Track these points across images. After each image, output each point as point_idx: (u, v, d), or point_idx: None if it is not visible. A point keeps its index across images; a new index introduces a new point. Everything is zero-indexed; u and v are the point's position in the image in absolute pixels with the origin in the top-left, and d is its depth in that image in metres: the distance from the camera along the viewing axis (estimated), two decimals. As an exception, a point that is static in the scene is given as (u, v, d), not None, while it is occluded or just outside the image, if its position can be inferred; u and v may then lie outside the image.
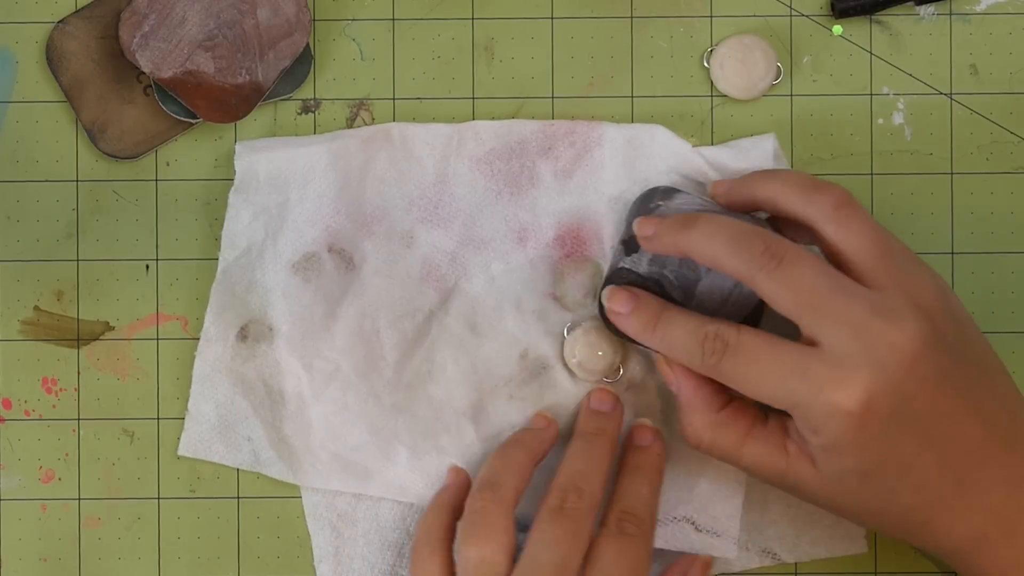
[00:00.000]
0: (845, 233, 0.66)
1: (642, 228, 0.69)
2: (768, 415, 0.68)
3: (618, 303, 0.69)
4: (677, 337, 0.67)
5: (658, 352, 0.69)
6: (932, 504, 0.65)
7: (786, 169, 0.72)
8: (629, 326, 0.69)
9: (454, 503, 0.71)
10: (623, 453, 0.71)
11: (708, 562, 0.72)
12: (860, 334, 0.63)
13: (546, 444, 0.71)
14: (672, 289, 0.69)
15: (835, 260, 0.66)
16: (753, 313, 0.69)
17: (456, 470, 0.72)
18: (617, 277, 0.70)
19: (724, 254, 0.66)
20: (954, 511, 0.65)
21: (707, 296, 0.69)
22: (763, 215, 0.71)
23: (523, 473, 0.69)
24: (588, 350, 0.72)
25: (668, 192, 0.71)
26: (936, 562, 0.73)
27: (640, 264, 0.69)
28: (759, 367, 0.65)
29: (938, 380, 0.64)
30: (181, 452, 0.73)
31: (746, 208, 0.70)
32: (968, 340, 0.66)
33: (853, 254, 0.66)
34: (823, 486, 0.65)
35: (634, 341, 0.69)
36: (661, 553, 0.73)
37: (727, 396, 0.68)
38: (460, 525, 0.68)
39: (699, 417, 0.68)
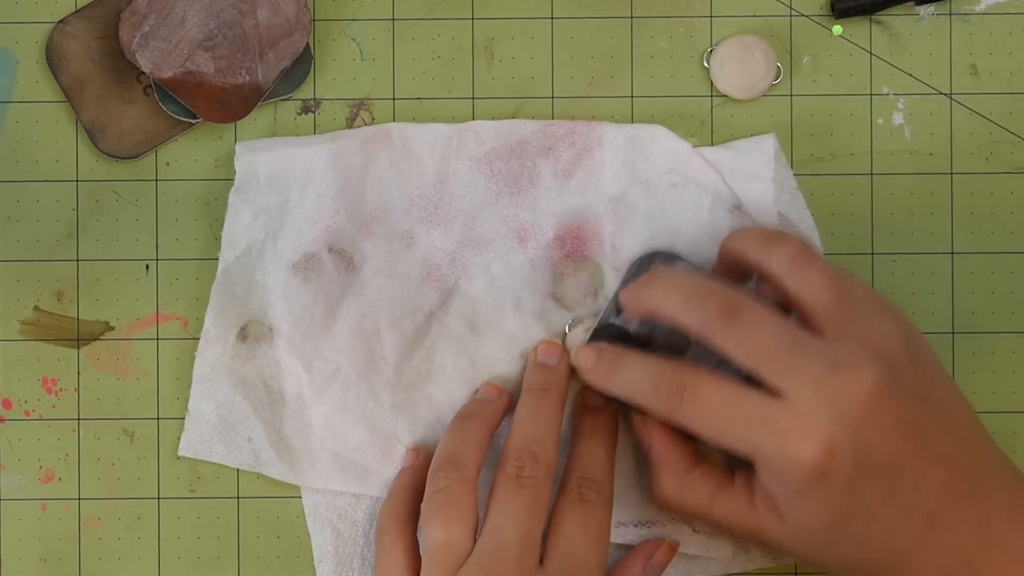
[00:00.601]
0: (802, 284, 0.66)
1: (621, 298, 0.69)
2: (735, 473, 0.68)
3: (583, 359, 0.69)
4: (635, 379, 0.67)
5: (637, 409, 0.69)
6: (900, 551, 0.65)
7: (748, 227, 0.72)
8: (592, 378, 0.69)
9: (415, 485, 0.71)
10: (577, 416, 0.71)
11: (674, 546, 0.72)
12: (821, 388, 0.63)
13: (500, 415, 0.71)
14: (660, 354, 0.68)
15: (797, 311, 0.66)
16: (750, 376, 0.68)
17: (415, 451, 0.72)
18: (605, 332, 0.70)
19: (680, 311, 0.66)
20: (922, 555, 0.65)
21: (698, 360, 0.68)
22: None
23: (482, 447, 0.69)
24: None
25: (669, 258, 0.71)
26: None
27: (631, 323, 0.69)
28: (720, 414, 0.65)
29: (898, 428, 0.64)
30: (181, 452, 0.73)
31: (734, 271, 0.70)
32: (930, 384, 0.66)
33: (811, 305, 0.66)
34: (791, 538, 0.66)
35: (619, 404, 0.69)
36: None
37: (697, 457, 0.69)
38: (424, 506, 0.68)
39: (668, 477, 0.68)
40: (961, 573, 0.65)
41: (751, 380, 0.65)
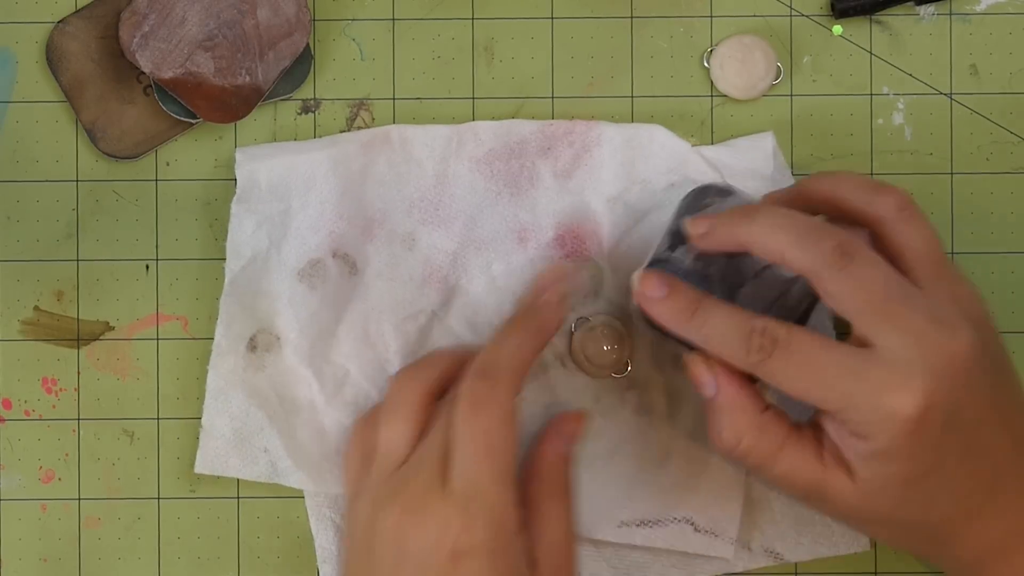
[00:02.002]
0: (908, 234, 0.65)
1: (695, 227, 0.66)
2: (802, 426, 0.66)
3: (651, 287, 0.66)
4: (719, 329, 0.65)
5: (687, 348, 0.66)
6: (965, 513, 0.64)
7: (844, 171, 0.71)
8: (662, 312, 0.66)
9: (441, 375, 0.69)
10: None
11: (582, 415, 0.70)
12: (920, 341, 0.62)
13: (555, 324, 0.68)
14: (715, 289, 0.66)
15: (895, 262, 0.65)
16: (798, 323, 0.67)
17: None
18: (660, 267, 0.67)
19: (791, 247, 0.64)
20: (980, 520, 0.64)
21: (749, 302, 0.66)
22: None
23: (526, 360, 0.67)
24: (595, 345, 0.72)
25: (723, 191, 0.68)
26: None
27: (685, 259, 0.66)
28: (812, 367, 0.63)
29: (984, 391, 0.63)
30: (198, 470, 0.72)
31: (809, 211, 0.67)
32: (1002, 352, 0.66)
33: (914, 256, 0.65)
34: (862, 497, 0.64)
35: (666, 334, 0.66)
36: (662, 552, 0.73)
37: (766, 403, 0.66)
38: (457, 402, 0.65)
39: (742, 417, 0.65)
40: (1014, 542, 0.64)
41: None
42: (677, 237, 0.67)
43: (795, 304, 0.66)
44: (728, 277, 0.66)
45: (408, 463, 0.66)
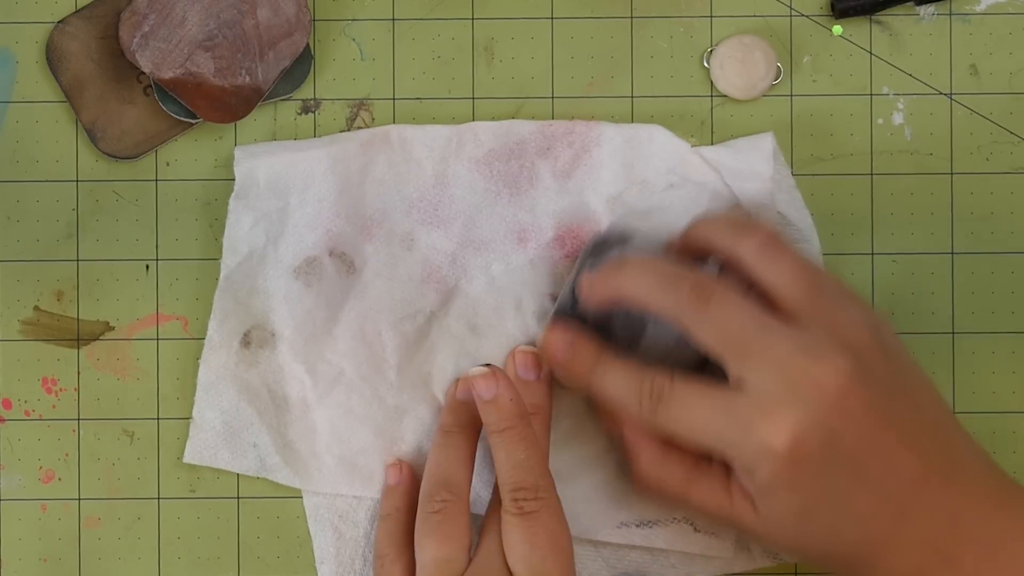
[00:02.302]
0: (772, 272, 0.66)
1: (582, 285, 0.69)
2: (711, 461, 0.68)
3: (555, 343, 0.69)
4: (615, 385, 0.68)
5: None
6: (874, 540, 0.64)
7: (717, 212, 0.72)
8: (565, 372, 0.69)
9: (408, 505, 0.71)
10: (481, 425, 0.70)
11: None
12: (784, 373, 0.64)
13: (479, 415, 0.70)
14: (618, 338, 0.69)
15: (767, 298, 0.66)
16: (699, 363, 0.68)
17: (396, 466, 0.72)
18: (565, 318, 0.70)
19: (652, 294, 0.67)
20: (896, 546, 0.64)
21: (652, 343, 0.68)
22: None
23: (469, 462, 0.69)
24: None
25: (623, 237, 0.71)
26: None
27: (588, 311, 0.69)
28: (691, 413, 0.65)
29: (867, 415, 0.64)
30: (187, 460, 0.73)
31: (693, 254, 0.70)
32: (900, 373, 0.66)
33: (781, 293, 0.66)
34: (765, 528, 0.66)
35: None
36: (661, 552, 0.73)
37: (670, 444, 0.68)
38: (418, 527, 0.68)
39: (646, 454, 0.68)
40: (935, 565, 0.64)
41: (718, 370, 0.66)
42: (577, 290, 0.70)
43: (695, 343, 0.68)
44: (630, 325, 0.68)
45: (473, 573, 0.67)
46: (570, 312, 0.70)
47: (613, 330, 0.69)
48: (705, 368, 0.68)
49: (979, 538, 0.64)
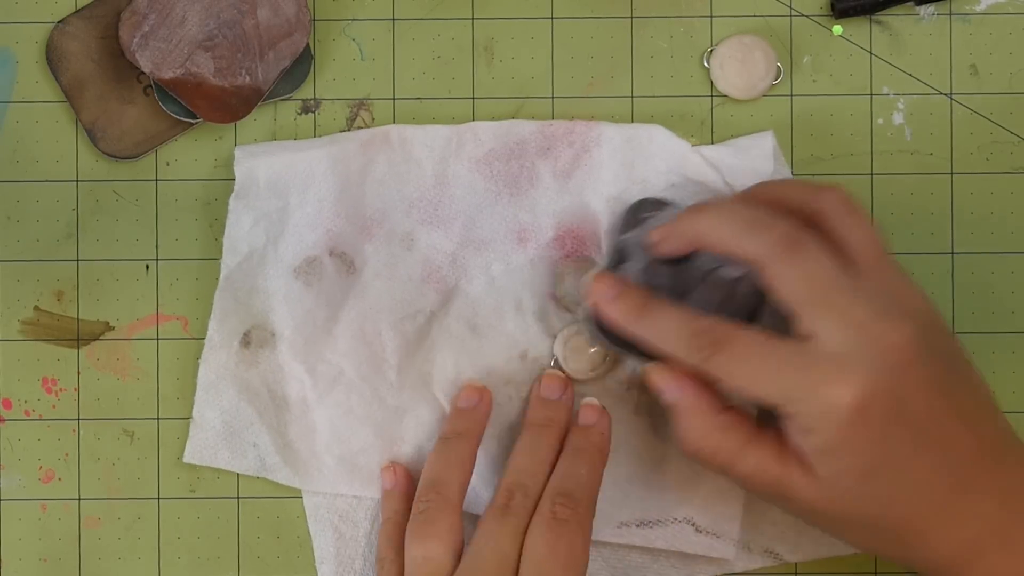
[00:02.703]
0: (851, 228, 0.66)
1: (653, 236, 0.68)
2: (764, 427, 0.67)
3: (604, 287, 0.68)
4: (666, 327, 0.66)
5: (637, 358, 0.68)
6: (929, 511, 0.64)
7: (780, 179, 0.72)
8: (613, 311, 0.68)
9: (406, 508, 0.71)
10: (569, 433, 0.71)
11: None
12: (860, 332, 0.63)
13: (483, 421, 0.71)
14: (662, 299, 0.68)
15: (838, 255, 0.66)
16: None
17: (391, 469, 0.72)
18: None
19: (739, 237, 0.65)
20: (950, 518, 0.64)
21: (696, 308, 0.67)
22: None
23: (466, 466, 0.69)
24: (575, 353, 0.72)
25: (657, 204, 0.71)
26: None
27: (630, 273, 0.69)
28: (753, 363, 0.64)
29: (929, 385, 0.64)
30: (187, 459, 0.73)
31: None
32: (954, 352, 0.66)
33: (856, 249, 0.66)
34: (822, 495, 0.65)
35: (616, 344, 0.68)
36: (661, 553, 0.73)
37: (726, 403, 0.67)
38: (408, 528, 0.69)
39: (701, 420, 0.66)
40: (989, 541, 0.64)
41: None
42: (620, 254, 0.70)
43: (740, 306, 0.68)
44: (675, 287, 0.68)
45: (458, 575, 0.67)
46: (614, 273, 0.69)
47: (658, 293, 0.68)
48: None
49: None
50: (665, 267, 0.68)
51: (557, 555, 0.66)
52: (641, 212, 0.71)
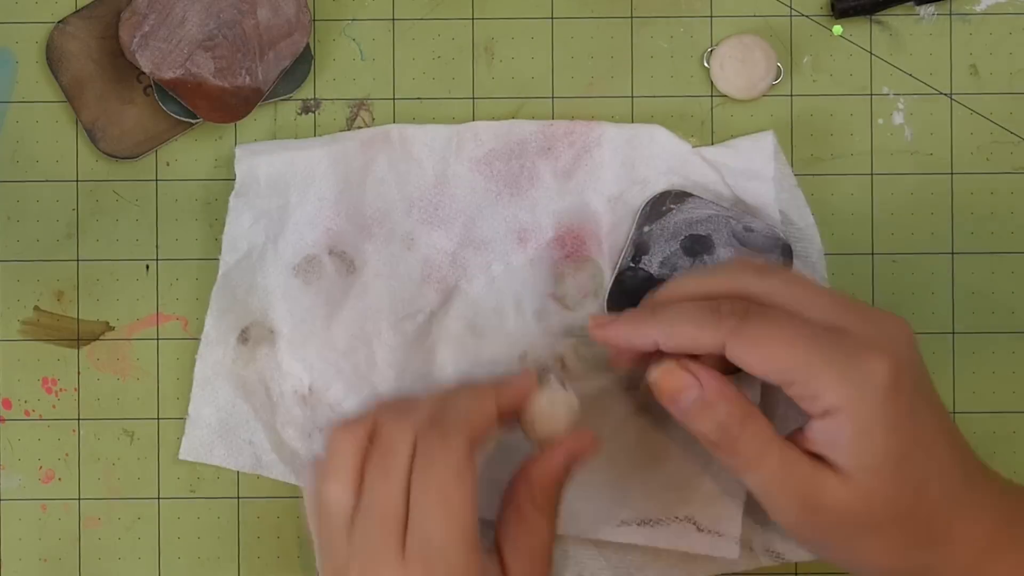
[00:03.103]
0: (791, 290, 0.65)
1: (594, 324, 0.67)
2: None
3: (603, 330, 0.66)
4: (685, 311, 0.64)
5: (660, 368, 0.66)
6: (951, 500, 0.63)
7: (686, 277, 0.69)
8: (620, 331, 0.66)
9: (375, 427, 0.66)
10: None
11: (593, 439, 0.67)
12: (875, 323, 0.63)
13: (517, 394, 0.67)
14: None
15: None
16: None
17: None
18: (626, 278, 0.71)
19: (695, 329, 0.64)
20: (968, 509, 0.64)
21: None
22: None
23: (482, 416, 0.65)
24: (544, 415, 0.68)
25: (680, 196, 0.71)
26: None
27: (651, 265, 0.69)
28: (785, 333, 0.63)
29: (930, 382, 0.65)
30: (182, 456, 0.73)
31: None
32: (929, 384, 0.66)
33: (819, 308, 0.64)
34: (854, 492, 0.63)
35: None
36: (663, 552, 0.73)
37: (752, 406, 0.65)
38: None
39: (731, 408, 0.64)
40: (1003, 539, 0.64)
41: None
42: (641, 247, 0.70)
43: None
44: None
45: (356, 525, 0.64)
46: (633, 269, 0.70)
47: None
48: None
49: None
50: (686, 260, 0.68)
51: (430, 496, 0.62)
52: (663, 204, 0.71)
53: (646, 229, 0.70)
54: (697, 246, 0.70)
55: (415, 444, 0.64)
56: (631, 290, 0.71)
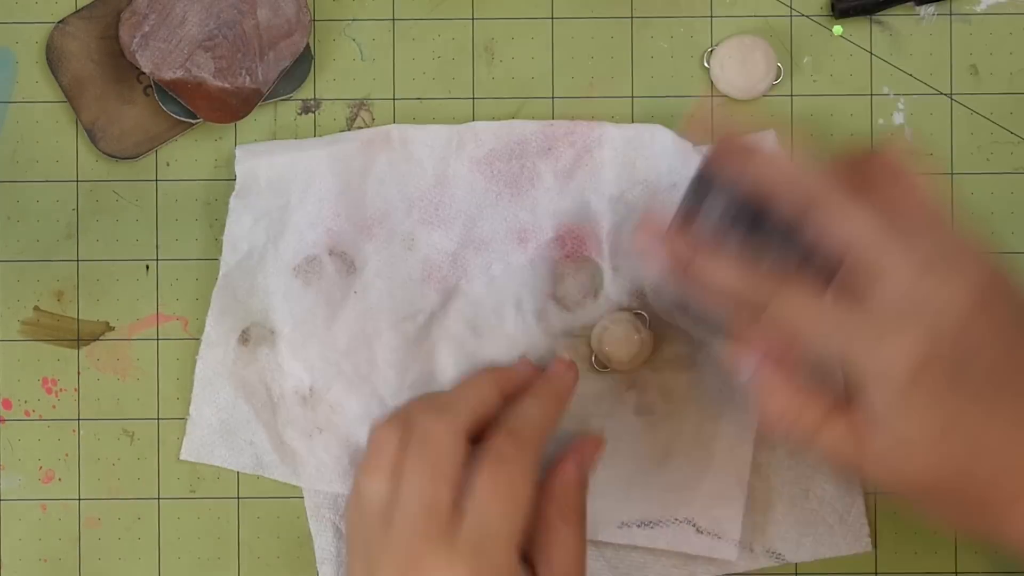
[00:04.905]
0: (902, 194, 0.64)
1: (711, 168, 0.65)
2: (844, 403, 0.64)
3: (678, 246, 0.65)
4: (725, 269, 0.64)
5: (706, 329, 0.67)
6: (1015, 471, 0.61)
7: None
8: (672, 250, 0.65)
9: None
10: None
11: (600, 440, 0.70)
12: (918, 285, 0.61)
13: (570, 390, 0.70)
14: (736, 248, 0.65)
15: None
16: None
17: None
18: (686, 217, 0.66)
19: (799, 176, 0.63)
20: None
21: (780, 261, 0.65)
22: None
23: (550, 425, 0.68)
24: (614, 340, 0.72)
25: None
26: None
27: (713, 212, 0.65)
28: (811, 312, 0.62)
29: (1000, 336, 0.61)
30: (183, 456, 0.73)
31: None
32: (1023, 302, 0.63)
33: (907, 213, 0.63)
34: (895, 464, 0.62)
35: (687, 312, 0.68)
36: (663, 553, 0.73)
37: (803, 377, 0.65)
38: (483, 457, 0.66)
39: (783, 392, 0.64)
40: None
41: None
42: (702, 190, 0.66)
43: (816, 272, 0.65)
44: (753, 238, 0.65)
45: (395, 516, 0.65)
46: (694, 210, 0.66)
47: (733, 232, 0.65)
48: None
49: None
50: (744, 218, 0.65)
51: (497, 493, 0.65)
52: (705, 185, 0.66)
53: (713, 171, 0.65)
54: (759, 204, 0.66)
55: (460, 440, 0.66)
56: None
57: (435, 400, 0.68)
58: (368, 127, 0.74)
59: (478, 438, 0.67)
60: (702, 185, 0.65)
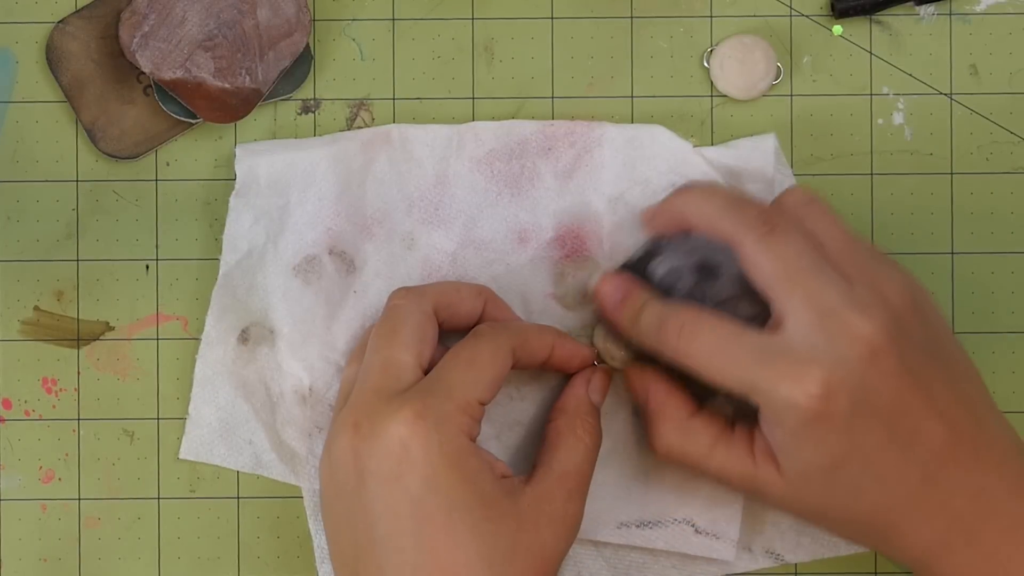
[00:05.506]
0: (815, 220, 0.66)
1: (643, 216, 0.71)
2: (735, 425, 0.68)
3: (608, 290, 0.69)
4: (650, 320, 0.67)
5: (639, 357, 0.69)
6: (897, 505, 0.64)
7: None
8: (615, 318, 0.69)
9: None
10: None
11: (608, 371, 0.71)
12: (827, 322, 0.63)
13: (538, 350, 0.70)
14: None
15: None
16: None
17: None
18: (629, 270, 0.70)
19: (718, 214, 0.66)
20: (919, 513, 0.64)
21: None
22: None
23: (527, 338, 0.69)
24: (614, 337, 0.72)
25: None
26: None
27: (656, 272, 0.69)
28: (719, 351, 0.65)
29: (901, 375, 0.64)
30: (182, 455, 0.73)
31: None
32: (937, 341, 0.66)
33: (824, 240, 0.66)
34: (789, 489, 0.65)
35: (628, 349, 0.70)
36: (662, 553, 0.73)
37: (696, 407, 0.68)
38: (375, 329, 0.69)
39: (669, 424, 0.68)
40: (956, 539, 0.64)
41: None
42: (655, 251, 0.69)
43: (750, 308, 0.67)
44: (694, 295, 0.68)
45: (356, 384, 0.67)
46: (635, 271, 0.70)
47: (675, 291, 0.68)
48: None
49: (1003, 517, 0.64)
50: (691, 277, 0.68)
51: (459, 355, 0.66)
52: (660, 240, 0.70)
53: (667, 239, 0.70)
54: (706, 271, 0.69)
55: (423, 312, 0.67)
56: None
57: (412, 288, 0.69)
58: (368, 127, 0.74)
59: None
60: (652, 249, 0.70)
